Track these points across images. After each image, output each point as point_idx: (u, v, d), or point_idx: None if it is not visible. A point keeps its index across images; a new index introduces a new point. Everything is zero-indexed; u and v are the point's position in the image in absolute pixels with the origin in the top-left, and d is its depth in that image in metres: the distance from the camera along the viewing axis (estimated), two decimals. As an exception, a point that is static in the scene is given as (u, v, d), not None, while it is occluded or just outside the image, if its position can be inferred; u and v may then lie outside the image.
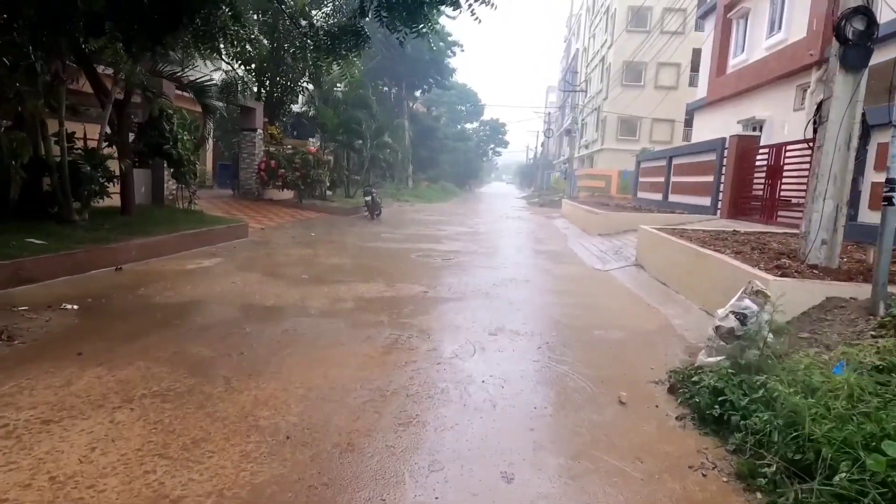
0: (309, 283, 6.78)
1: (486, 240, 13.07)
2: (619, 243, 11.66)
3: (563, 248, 12.17)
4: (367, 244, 10.90)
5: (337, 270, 7.91)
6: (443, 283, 7.17)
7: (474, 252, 10.48)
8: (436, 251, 10.31)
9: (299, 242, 10.53)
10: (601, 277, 8.37)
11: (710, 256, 5.87)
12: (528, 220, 20.92)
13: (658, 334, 5.10)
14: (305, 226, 13.37)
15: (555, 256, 10.60)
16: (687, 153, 16.25)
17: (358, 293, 6.32)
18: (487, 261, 9.47)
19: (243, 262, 8.00)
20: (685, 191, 15.87)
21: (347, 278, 7.31)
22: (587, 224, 15.08)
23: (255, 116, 15.68)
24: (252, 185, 16.07)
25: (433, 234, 13.42)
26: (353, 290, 6.51)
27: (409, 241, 11.65)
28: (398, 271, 8.01)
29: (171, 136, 9.66)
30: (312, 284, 6.72)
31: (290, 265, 8.13)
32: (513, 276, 8.00)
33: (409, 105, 37.92)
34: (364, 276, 7.46)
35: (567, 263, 9.68)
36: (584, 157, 43.09)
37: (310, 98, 18.76)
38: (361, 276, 7.46)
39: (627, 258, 9.64)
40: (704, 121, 18.90)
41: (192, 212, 10.55)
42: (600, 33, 40.72)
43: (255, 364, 3.83)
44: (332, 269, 8.02)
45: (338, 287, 6.61)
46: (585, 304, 6.37)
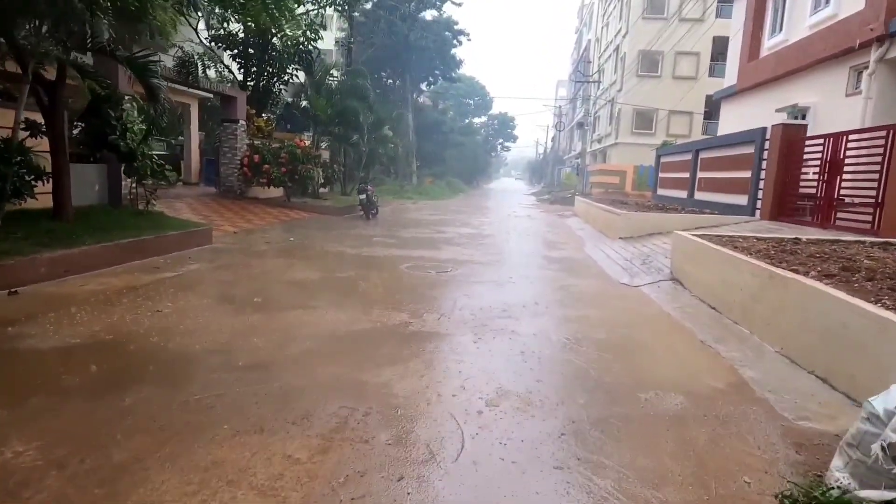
0: (260, 311, 5.27)
1: (490, 244, 11.51)
2: (646, 250, 10.05)
3: (579, 254, 10.58)
4: (353, 251, 9.38)
5: (304, 290, 6.40)
6: (432, 309, 5.63)
7: (476, 261, 8.93)
8: (432, 260, 8.77)
9: (272, 250, 9.03)
10: (632, 297, 6.78)
11: (793, 282, 4.27)
12: (539, 220, 19.32)
13: (732, 400, 3.52)
14: (287, 228, 11.88)
15: (571, 266, 9.02)
16: (717, 146, 14.56)
17: (318, 327, 4.80)
18: (490, 273, 7.91)
19: (189, 279, 6.52)
20: (715, 188, 14.18)
21: (314, 302, 5.80)
22: (606, 225, 13.47)
23: (236, 106, 14.19)
24: (234, 183, 14.60)
25: (432, 238, 11.88)
26: (316, 320, 4.99)
27: (404, 247, 10.13)
28: (381, 290, 6.49)
29: (118, 125, 8.19)
30: (264, 312, 5.21)
31: (248, 282, 6.63)
32: (520, 296, 6.44)
33: (414, 98, 36.34)
34: (336, 299, 5.95)
35: (587, 276, 8.10)
36: (597, 151, 41.30)
37: (301, 87, 17.26)
38: (332, 299, 5.95)
39: (660, 270, 8.04)
40: (733, 110, 17.16)
41: (149, 214, 9.09)
42: (614, 21, 38.84)
43: (101, 478, 2.33)
44: (299, 287, 6.51)
45: (296, 316, 5.09)
46: (619, 341, 4.80)
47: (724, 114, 18.12)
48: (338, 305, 5.60)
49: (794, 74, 13.48)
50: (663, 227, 11.90)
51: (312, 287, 6.55)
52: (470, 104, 60.07)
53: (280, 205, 14.79)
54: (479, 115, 63.03)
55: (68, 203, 7.60)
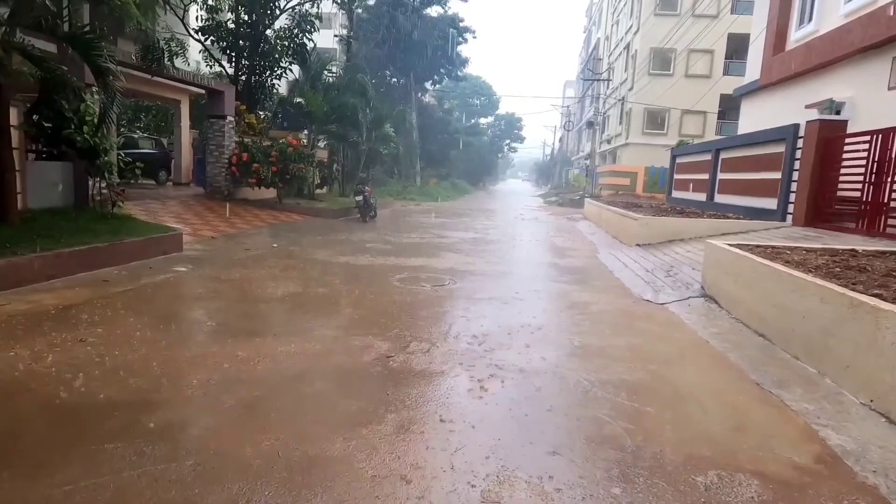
0: (210, 340, 4.31)
1: (495, 252, 10.51)
2: (668, 259, 9.02)
3: (593, 263, 9.56)
4: (342, 259, 8.41)
5: (274, 310, 5.44)
6: (422, 335, 4.64)
7: (478, 272, 7.94)
8: (428, 270, 7.79)
9: (250, 259, 8.07)
10: (659, 319, 5.76)
11: (892, 315, 3.24)
12: (547, 223, 18.30)
13: (829, 490, 2.51)
14: (274, 232, 10.93)
15: (585, 278, 8.01)
16: (741, 145, 13.48)
17: (277, 364, 3.83)
18: (492, 287, 6.91)
19: (139, 296, 5.56)
20: (739, 190, 13.11)
21: (281, 326, 4.84)
22: (620, 230, 12.44)
23: (223, 101, 13.27)
24: (222, 183, 13.68)
25: (431, 244, 10.90)
26: (276, 353, 4.02)
27: (399, 254, 9.15)
28: (365, 309, 5.51)
29: (74, 118, 7.26)
30: (214, 342, 4.25)
31: (208, 300, 5.67)
32: (528, 317, 5.44)
33: (418, 97, 35.40)
34: (309, 322, 4.98)
35: (604, 291, 7.08)
36: (606, 152, 40.19)
37: (295, 83, 16.32)
38: (305, 322, 4.98)
39: (688, 285, 7.01)
40: (756, 107, 16.08)
41: (114, 218, 8.16)
42: (625, 19, 37.75)
43: None
44: (268, 307, 5.54)
45: (253, 348, 4.11)
46: (653, 385, 3.79)
47: (746, 111, 17.04)
48: (309, 331, 4.63)
49: (826, 67, 12.40)
50: (684, 232, 10.87)
51: (285, 306, 5.58)
52: (476, 104, 59.10)
53: (270, 207, 13.86)
54: (486, 116, 62.04)
55: (13, 204, 6.68)
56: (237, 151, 13.51)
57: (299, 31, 14.91)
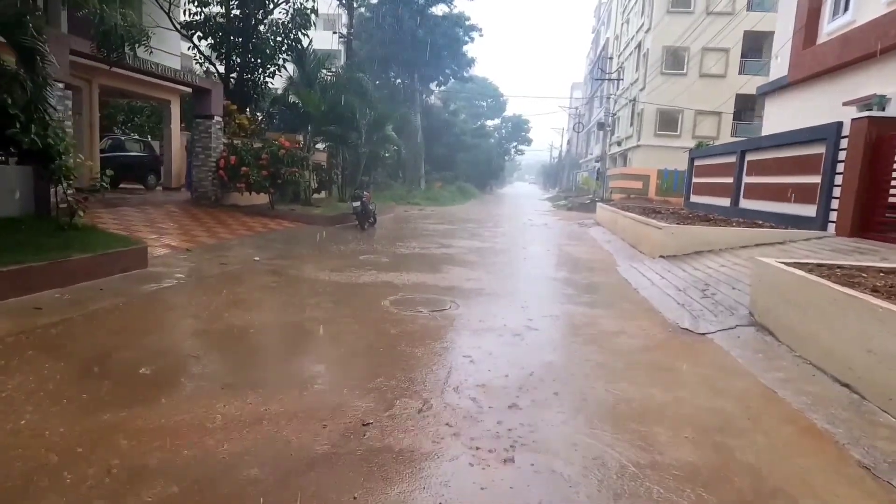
0: (134, 397, 3.31)
1: (503, 264, 9.49)
2: (700, 274, 7.95)
3: (614, 279, 8.50)
4: (330, 276, 7.41)
5: (229, 349, 4.43)
6: (411, 388, 3.62)
7: (484, 292, 6.91)
8: (427, 289, 6.77)
9: (223, 277, 7.08)
10: (705, 357, 4.70)
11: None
12: (557, 230, 17.25)
13: None
14: (260, 243, 9.94)
15: (608, 299, 6.96)
16: (770, 146, 12.37)
17: (205, 439, 2.81)
18: (501, 312, 5.88)
19: (70, 330, 4.57)
20: (769, 195, 12.00)
21: (234, 374, 3.84)
22: (640, 240, 11.36)
23: (210, 100, 12.33)
24: (208, 188, 12.73)
25: (433, 255, 9.89)
26: (212, 419, 3.01)
27: (396, 269, 8.15)
28: (342, 347, 4.51)
29: (21, 115, 6.31)
30: (138, 400, 3.25)
31: (154, 334, 4.68)
32: (545, 356, 4.42)
33: (423, 98, 34.44)
34: (270, 368, 3.99)
35: (632, 316, 6.03)
36: (616, 154, 39.06)
37: (290, 81, 15.37)
38: (260, 368, 3.98)
39: (731, 309, 5.95)
40: (784, 106, 14.97)
41: (73, 229, 7.19)
42: (636, 17, 36.66)
43: None
44: (223, 344, 4.54)
45: (189, 411, 3.11)
46: (724, 470, 2.74)
47: (771, 110, 15.93)
48: (266, 383, 3.62)
49: (866, 60, 11.30)
50: (714, 243, 9.79)
51: (246, 343, 4.58)
52: (483, 106, 58.04)
53: (261, 213, 12.90)
54: (493, 118, 60.97)
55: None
56: (225, 154, 12.57)
57: (293, 26, 13.98)
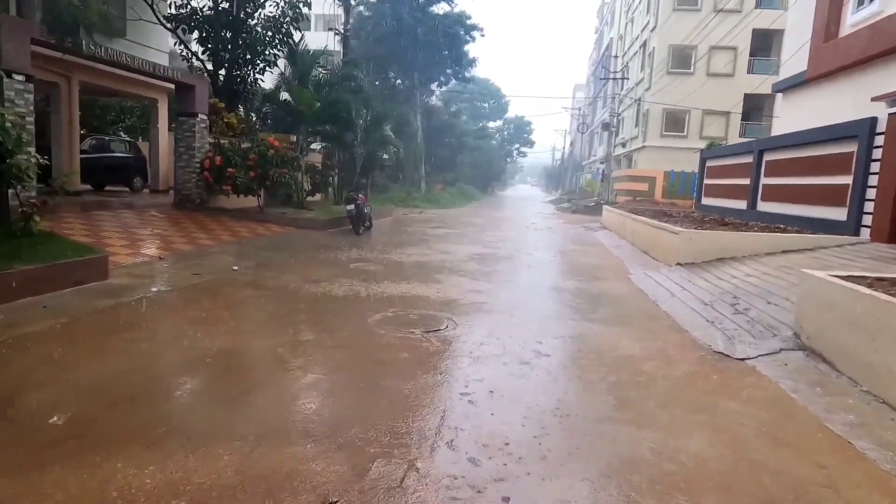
0: (23, 465, 2.54)
1: (506, 273, 8.72)
2: (726, 285, 7.15)
3: (628, 290, 7.72)
4: (312, 288, 6.64)
5: (173, 386, 3.66)
6: (393, 442, 2.84)
7: (485, 307, 6.12)
8: (422, 304, 6.00)
9: (192, 290, 6.31)
10: (753, 392, 3.91)
11: None
12: (562, 234, 16.47)
13: None
14: (242, 250, 9.17)
15: (625, 314, 6.17)
16: (792, 145, 11.58)
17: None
18: (505, 333, 5.10)
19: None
20: (791, 197, 11.21)
21: (158, 423, 3.06)
22: (653, 245, 10.57)
23: (194, 96, 11.57)
24: (192, 191, 11.97)
25: (431, 263, 9.12)
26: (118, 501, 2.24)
27: (389, 279, 7.38)
28: (313, 385, 3.73)
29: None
30: (25, 471, 2.48)
31: (84, 368, 3.90)
32: (558, 389, 3.64)
33: (423, 99, 33.68)
34: (212, 411, 3.21)
35: (656, 336, 5.24)
36: (621, 156, 38.24)
37: (282, 78, 14.61)
38: (204, 412, 3.21)
39: (771, 328, 5.16)
40: (803, 103, 14.16)
41: (27, 236, 6.44)
42: (641, 16, 35.91)
43: None
44: (166, 381, 3.77)
45: (89, 486, 2.34)
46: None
47: (788, 108, 15.12)
48: (204, 437, 2.85)
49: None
50: (736, 249, 9.00)
51: (196, 379, 3.80)
52: (485, 107, 57.27)
53: (249, 217, 12.14)
54: (495, 119, 60.20)
55: None
56: (211, 154, 11.83)
57: (285, 19, 13.24)
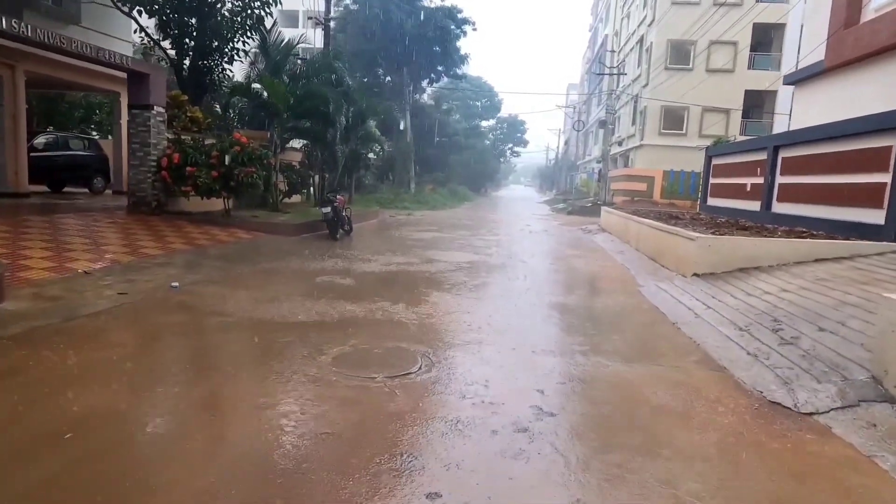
0: None
1: (497, 286, 7.54)
2: (759, 302, 6.00)
3: (640, 306, 6.56)
4: (260, 312, 5.42)
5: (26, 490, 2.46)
6: None
7: (471, 335, 4.93)
8: (392, 333, 4.81)
9: (103, 317, 5.08)
10: (842, 474, 2.75)
11: None
12: (559, 237, 15.34)
13: None
14: (193, 261, 7.92)
15: (643, 343, 5.01)
16: (814, 139, 10.47)
17: None
18: (492, 376, 3.92)
19: None
20: (815, 197, 10.11)
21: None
22: (663, 252, 9.43)
23: (148, 86, 10.30)
24: (148, 192, 10.71)
25: (412, 274, 7.94)
26: None
27: (358, 296, 6.19)
28: (203, 487, 2.54)
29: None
30: None
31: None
32: (568, 485, 2.46)
33: (414, 96, 32.46)
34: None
35: (688, 378, 4.07)
36: (618, 155, 37.19)
37: (252, 66, 13.36)
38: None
39: (836, 367, 4.00)
40: (819, 95, 13.11)
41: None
42: (637, 11, 34.89)
43: None
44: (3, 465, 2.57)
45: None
46: None
47: (802, 101, 14.06)
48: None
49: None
50: (761, 258, 7.86)
51: (40, 469, 2.61)
52: (477, 106, 56.17)
53: (213, 222, 10.90)
54: (488, 119, 59.10)
55: None
56: (169, 151, 10.58)
57: (253, 1, 12.02)
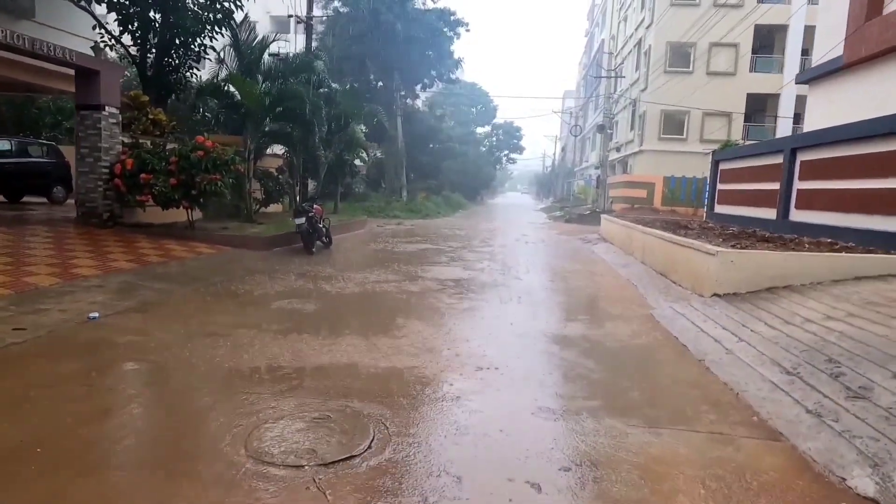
0: None
1: (486, 310, 6.44)
2: (804, 334, 4.92)
3: (656, 337, 5.47)
4: (193, 356, 4.31)
5: None
6: None
7: (442, 385, 3.84)
8: (344, 384, 3.70)
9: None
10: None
11: None
12: (557, 248, 14.28)
13: None
14: (132, 284, 6.79)
15: (668, 394, 3.92)
16: (838, 140, 9.43)
17: None
18: (467, 457, 2.83)
19: None
20: (841, 205, 9.07)
21: None
22: (676, 267, 8.36)
23: (98, 85, 9.21)
24: (98, 202, 9.60)
25: (387, 296, 6.84)
26: None
27: (317, 328, 5.10)
28: None
29: None
30: None
31: None
32: None
33: (406, 100, 31.46)
34: None
35: (735, 454, 2.98)
36: (616, 161, 36.26)
37: (221, 65, 12.27)
38: None
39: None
40: (837, 93, 12.13)
41: None
42: (634, 14, 34.10)
43: None
44: None
45: None
46: None
47: (818, 100, 13.07)
48: None
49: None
50: (792, 275, 6.79)
51: None
52: (472, 112, 55.31)
53: (175, 235, 9.79)
54: (483, 125, 58.19)
55: None
56: (125, 157, 9.49)
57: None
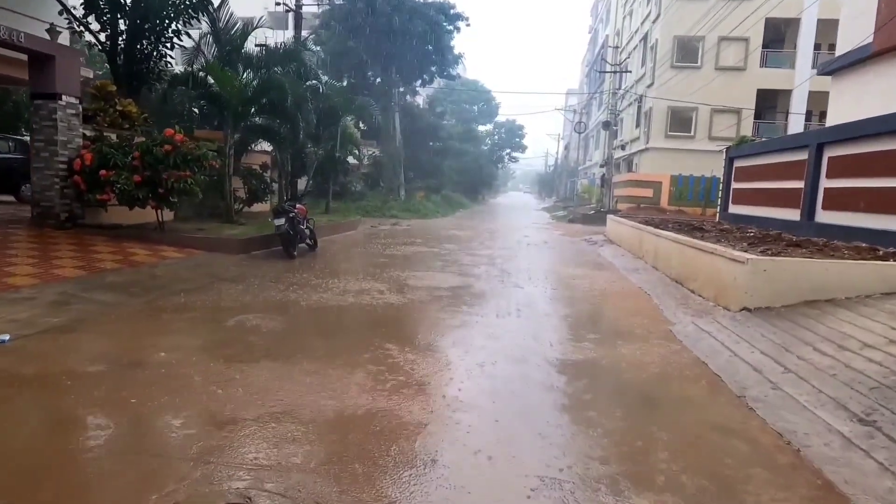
0: None
1: (479, 328, 5.54)
2: (869, 366, 4.00)
3: (681, 362, 4.56)
4: (104, 396, 3.45)
5: None
6: None
7: (412, 447, 2.94)
8: (290, 435, 2.82)
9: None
10: None
11: None
12: (562, 252, 13.38)
13: None
14: (72, 294, 5.89)
15: (707, 443, 3.02)
16: (870, 135, 8.49)
17: None
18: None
19: None
20: (877, 205, 8.13)
21: None
22: (696, 275, 7.44)
23: (53, 72, 8.33)
24: (55, 201, 8.73)
25: (368, 310, 5.95)
26: None
27: (275, 353, 4.22)
28: None
29: None
30: None
31: None
32: None
33: (404, 97, 30.57)
34: None
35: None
36: (621, 159, 35.27)
37: (197, 52, 11.37)
38: None
39: None
40: (866, 85, 11.19)
41: None
42: (640, 7, 33.12)
43: None
44: None
45: None
46: None
47: (844, 92, 12.12)
48: None
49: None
50: (833, 286, 5.88)
51: None
52: (474, 110, 54.38)
53: (140, 238, 8.92)
54: (484, 123, 57.23)
55: None
56: (85, 152, 8.62)
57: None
